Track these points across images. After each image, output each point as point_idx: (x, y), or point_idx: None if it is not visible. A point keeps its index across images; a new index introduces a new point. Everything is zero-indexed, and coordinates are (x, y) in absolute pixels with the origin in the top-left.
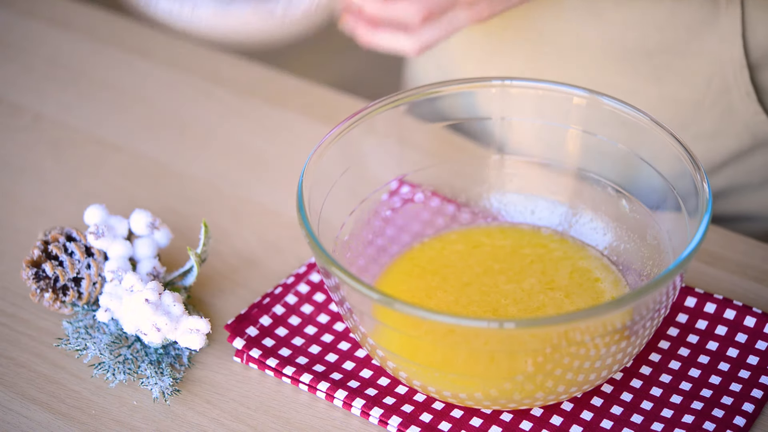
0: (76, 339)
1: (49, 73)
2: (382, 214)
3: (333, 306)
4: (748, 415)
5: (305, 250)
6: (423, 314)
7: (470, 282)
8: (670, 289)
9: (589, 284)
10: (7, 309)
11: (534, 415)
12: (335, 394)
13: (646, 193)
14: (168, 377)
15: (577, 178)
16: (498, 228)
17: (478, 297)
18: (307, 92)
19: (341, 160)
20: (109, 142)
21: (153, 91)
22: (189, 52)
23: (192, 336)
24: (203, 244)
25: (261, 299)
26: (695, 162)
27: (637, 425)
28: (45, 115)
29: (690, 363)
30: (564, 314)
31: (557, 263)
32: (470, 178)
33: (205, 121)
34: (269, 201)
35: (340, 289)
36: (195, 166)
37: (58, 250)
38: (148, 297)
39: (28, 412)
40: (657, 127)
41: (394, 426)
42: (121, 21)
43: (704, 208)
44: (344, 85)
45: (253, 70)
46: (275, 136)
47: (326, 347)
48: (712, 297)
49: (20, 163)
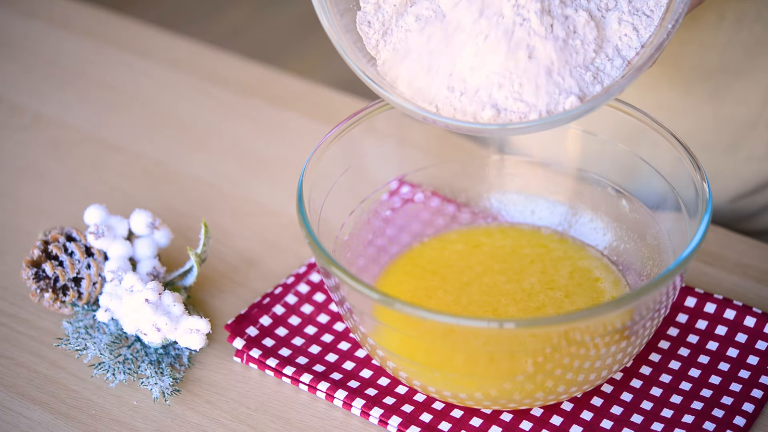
0: (76, 339)
1: (49, 73)
2: (382, 214)
3: (333, 306)
4: (748, 415)
5: (305, 250)
6: (423, 314)
7: (470, 282)
8: (670, 289)
9: (589, 284)
10: (7, 309)
11: (534, 415)
12: (335, 394)
13: (646, 193)
14: (168, 377)
15: (577, 178)
16: (498, 228)
17: (478, 297)
18: (307, 92)
19: (341, 160)
20: (109, 142)
21: (153, 91)
22: (189, 52)
23: (192, 336)
24: (203, 244)
25: (261, 299)
26: (695, 162)
27: (637, 425)
28: (45, 115)
29: (690, 363)
30: (564, 314)
31: (557, 263)
32: (470, 178)
33: (205, 121)
34: (269, 201)
35: (340, 289)
36: (195, 166)
37: (58, 250)
38: (148, 297)
39: (28, 412)
40: (657, 127)
41: (394, 426)
42: (121, 21)
43: (704, 208)
44: (344, 85)
45: (253, 70)
46: (275, 136)
47: (326, 347)
48: (712, 297)
49: (20, 163)
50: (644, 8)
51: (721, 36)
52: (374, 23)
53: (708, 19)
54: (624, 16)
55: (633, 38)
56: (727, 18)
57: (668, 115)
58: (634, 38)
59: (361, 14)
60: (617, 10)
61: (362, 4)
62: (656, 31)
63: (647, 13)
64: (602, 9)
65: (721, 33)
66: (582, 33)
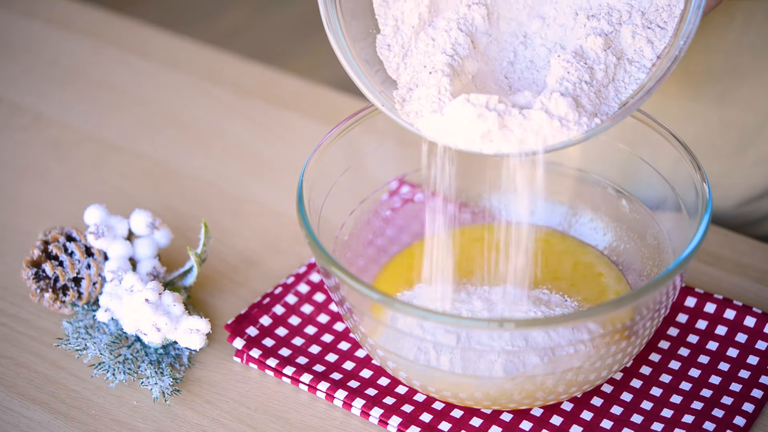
0: (76, 339)
1: (49, 73)
2: (382, 214)
3: (333, 306)
4: (748, 415)
5: (305, 250)
6: (423, 314)
7: (472, 271)
8: (670, 289)
9: (592, 278)
10: (7, 309)
11: (534, 415)
12: (335, 394)
13: (646, 193)
14: (168, 377)
15: (577, 178)
16: (498, 226)
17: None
18: (307, 92)
19: (341, 160)
20: (109, 142)
21: (153, 91)
22: (189, 52)
23: (192, 336)
24: (203, 244)
25: (261, 299)
26: (695, 162)
27: (637, 425)
28: (45, 115)
29: (690, 363)
30: (564, 314)
31: (560, 256)
32: (470, 178)
33: (205, 121)
34: (269, 201)
35: (340, 289)
36: (195, 166)
37: (58, 250)
38: (148, 297)
39: (28, 412)
40: (657, 128)
41: (394, 426)
42: (121, 21)
43: (704, 208)
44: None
45: (253, 70)
46: (275, 136)
47: (326, 347)
48: (712, 297)
49: (20, 163)
50: (658, 20)
51: (730, 38)
52: (394, 46)
53: (717, 22)
54: (638, 29)
55: (648, 51)
56: (736, 19)
57: (676, 119)
58: (649, 51)
59: (381, 37)
60: (631, 24)
61: (381, 26)
62: (671, 42)
63: (661, 25)
64: (614, 24)
65: (730, 35)
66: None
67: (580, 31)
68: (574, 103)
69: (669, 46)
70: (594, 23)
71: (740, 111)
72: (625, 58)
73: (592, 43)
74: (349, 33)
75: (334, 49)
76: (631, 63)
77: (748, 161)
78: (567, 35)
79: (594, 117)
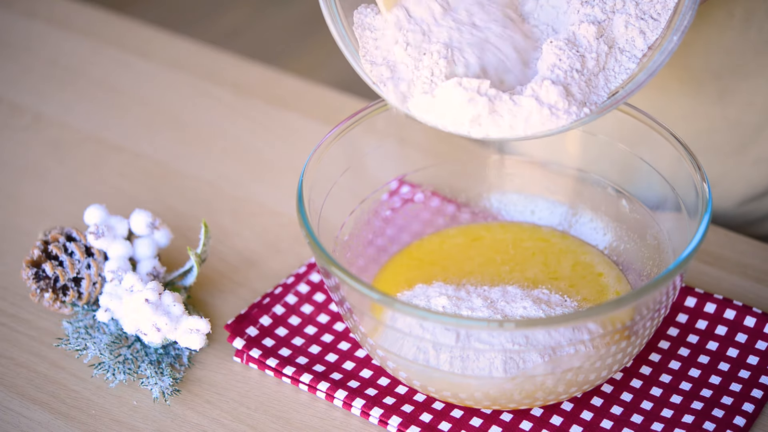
0: (76, 339)
1: (49, 73)
2: (382, 214)
3: (333, 306)
4: (748, 415)
5: (305, 250)
6: (423, 314)
7: (472, 271)
8: (670, 289)
9: (592, 277)
10: (7, 309)
11: (534, 415)
12: (335, 394)
13: (646, 193)
14: (168, 377)
15: (577, 178)
16: (498, 224)
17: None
18: (307, 92)
19: (341, 160)
20: (109, 142)
21: (153, 91)
22: (189, 52)
23: (192, 336)
24: (203, 244)
25: (261, 299)
26: (695, 162)
27: (637, 425)
28: (45, 115)
29: (690, 363)
30: (564, 315)
31: (559, 256)
32: (470, 178)
33: (204, 121)
34: (269, 201)
35: (340, 289)
36: (195, 166)
37: (58, 250)
38: (148, 297)
39: (28, 412)
40: (657, 127)
41: (394, 426)
42: (121, 21)
43: (704, 208)
44: (344, 85)
45: (253, 70)
46: (275, 136)
47: (326, 347)
48: (712, 297)
49: (20, 163)
50: (651, 12)
51: (730, 34)
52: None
53: (717, 18)
54: (631, 19)
55: (639, 41)
56: (736, 15)
57: (676, 118)
58: (641, 41)
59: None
60: (624, 13)
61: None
62: (663, 34)
63: (654, 17)
64: (607, 12)
65: (730, 31)
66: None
67: (573, 17)
68: (565, 92)
69: (661, 38)
70: (588, 10)
71: (740, 109)
72: (617, 47)
73: (585, 30)
74: (348, 21)
75: (337, 44)
76: (622, 52)
77: (749, 160)
78: (559, 18)
79: (583, 106)
